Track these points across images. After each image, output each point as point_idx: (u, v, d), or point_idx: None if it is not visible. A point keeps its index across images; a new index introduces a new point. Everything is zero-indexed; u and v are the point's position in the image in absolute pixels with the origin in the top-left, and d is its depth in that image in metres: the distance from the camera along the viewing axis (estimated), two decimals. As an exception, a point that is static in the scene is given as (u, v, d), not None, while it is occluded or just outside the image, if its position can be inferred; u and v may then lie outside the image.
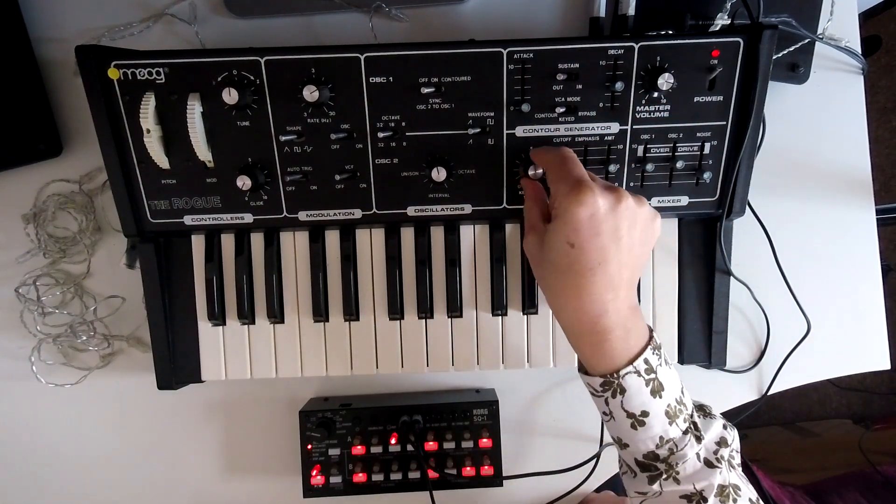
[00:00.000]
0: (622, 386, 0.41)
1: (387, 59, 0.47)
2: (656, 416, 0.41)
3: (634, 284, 0.44)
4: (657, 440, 0.42)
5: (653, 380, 0.42)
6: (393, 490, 0.56)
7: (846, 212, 0.59)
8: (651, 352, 0.42)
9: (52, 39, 0.57)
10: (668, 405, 0.42)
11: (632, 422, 0.42)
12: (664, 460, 0.42)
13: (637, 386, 0.41)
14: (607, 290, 0.41)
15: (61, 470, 0.61)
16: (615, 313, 0.41)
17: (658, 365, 0.42)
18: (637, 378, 0.41)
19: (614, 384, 0.42)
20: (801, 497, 0.98)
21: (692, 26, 0.53)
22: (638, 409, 0.42)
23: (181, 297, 0.54)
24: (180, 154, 0.49)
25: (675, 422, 0.42)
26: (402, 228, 0.54)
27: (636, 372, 0.41)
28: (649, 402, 0.41)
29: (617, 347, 0.42)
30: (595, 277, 0.41)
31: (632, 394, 0.41)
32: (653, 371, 0.42)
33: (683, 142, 0.50)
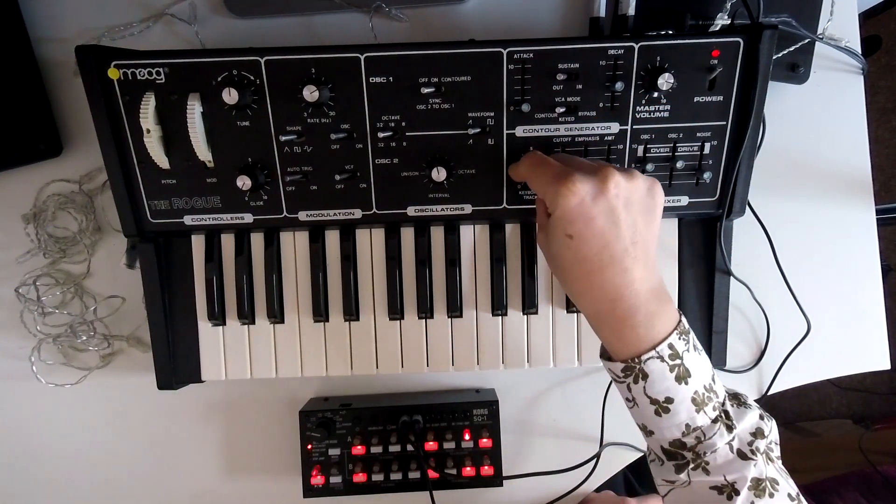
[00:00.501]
0: (644, 371, 0.40)
1: (387, 59, 0.47)
2: (682, 402, 0.40)
3: (651, 262, 0.41)
4: (683, 428, 0.41)
5: (678, 365, 0.40)
6: (393, 490, 0.56)
7: (846, 212, 0.59)
8: (677, 337, 0.40)
9: (52, 39, 0.57)
10: (696, 392, 0.40)
11: (655, 408, 0.41)
12: (691, 449, 0.41)
13: (660, 371, 0.40)
14: (618, 274, 0.40)
15: (61, 470, 0.61)
16: (633, 296, 0.40)
17: (685, 350, 0.40)
18: (661, 363, 0.40)
19: (636, 369, 0.40)
20: (801, 497, 0.97)
21: (692, 26, 0.53)
22: (662, 396, 0.40)
23: (181, 297, 0.54)
24: (180, 154, 0.49)
25: (702, 410, 0.40)
26: (402, 228, 0.54)
27: (659, 357, 0.40)
28: (674, 388, 0.40)
29: (639, 332, 0.40)
30: (602, 263, 0.40)
31: (654, 379, 0.40)
32: (678, 357, 0.40)
33: (683, 142, 0.50)
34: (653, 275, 0.41)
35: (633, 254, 0.40)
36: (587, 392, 0.59)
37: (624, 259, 0.40)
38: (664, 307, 0.41)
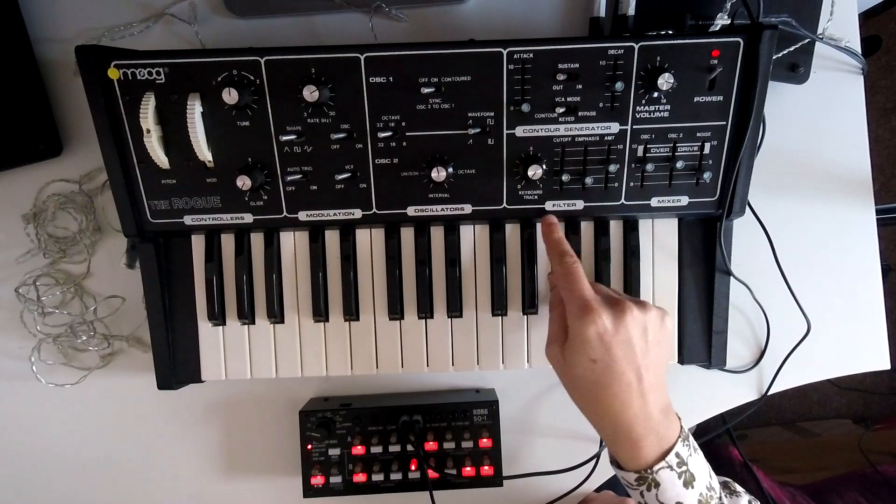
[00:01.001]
0: (656, 480, 0.43)
1: (387, 59, 0.47)
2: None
3: (661, 385, 0.45)
4: None
5: (685, 472, 0.43)
6: (393, 490, 0.56)
7: (846, 212, 0.59)
8: (682, 444, 0.44)
9: (52, 39, 0.57)
10: (700, 494, 0.44)
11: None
12: None
13: (671, 479, 0.43)
14: (635, 398, 0.43)
15: (61, 470, 0.61)
16: (646, 420, 0.43)
17: (689, 455, 0.44)
18: (670, 472, 0.43)
19: (648, 479, 0.43)
20: (801, 497, 0.98)
21: (692, 26, 0.53)
22: (673, 501, 0.43)
23: (181, 297, 0.54)
24: (180, 154, 0.49)
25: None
26: (402, 228, 0.54)
27: (669, 466, 0.43)
28: (682, 493, 0.43)
29: (652, 449, 0.43)
30: (621, 387, 0.43)
31: (665, 487, 0.43)
32: (684, 463, 0.43)
33: (683, 142, 0.50)
34: (663, 396, 0.45)
35: (648, 379, 0.43)
36: (587, 392, 0.59)
37: (640, 385, 0.43)
38: (671, 421, 0.44)
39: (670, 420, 0.44)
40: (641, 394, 0.43)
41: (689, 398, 0.60)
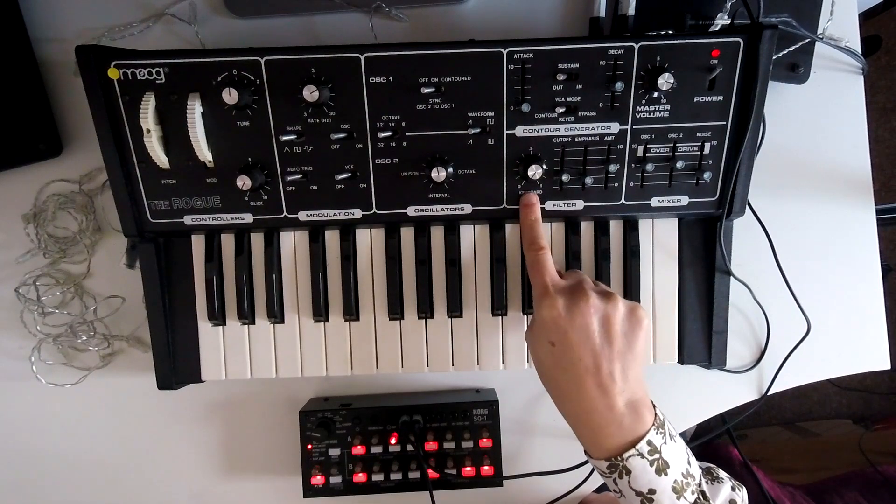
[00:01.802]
0: (627, 467, 0.43)
1: (387, 59, 0.47)
2: (664, 492, 0.43)
3: (632, 378, 0.44)
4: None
5: (657, 459, 0.43)
6: (393, 490, 0.56)
7: (846, 212, 0.59)
8: (655, 432, 0.43)
9: (52, 39, 0.57)
10: (675, 481, 0.43)
11: (641, 499, 0.43)
12: None
13: (641, 466, 0.43)
14: (594, 388, 0.43)
15: (61, 470, 0.61)
16: (607, 409, 0.43)
17: (662, 444, 0.43)
18: (640, 460, 0.43)
19: (619, 466, 0.43)
20: (801, 497, 0.97)
21: (692, 26, 0.53)
22: (645, 488, 0.43)
23: (181, 297, 0.54)
24: (180, 154, 0.49)
25: (682, 496, 0.43)
26: (402, 228, 0.54)
27: (639, 454, 0.43)
28: (655, 480, 0.43)
29: (614, 439, 0.43)
30: (578, 374, 0.43)
31: (637, 474, 0.43)
32: (657, 451, 0.43)
33: (683, 142, 0.50)
34: (633, 389, 0.44)
35: (609, 369, 0.43)
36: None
37: (598, 374, 0.43)
38: (639, 414, 0.44)
39: (638, 413, 0.44)
40: (599, 384, 0.43)
41: (689, 398, 0.60)
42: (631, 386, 0.44)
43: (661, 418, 0.45)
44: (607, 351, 0.44)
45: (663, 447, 0.43)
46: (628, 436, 0.43)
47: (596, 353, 0.43)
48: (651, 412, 0.44)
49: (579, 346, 0.43)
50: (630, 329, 0.45)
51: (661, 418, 0.45)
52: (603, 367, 0.43)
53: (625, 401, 0.43)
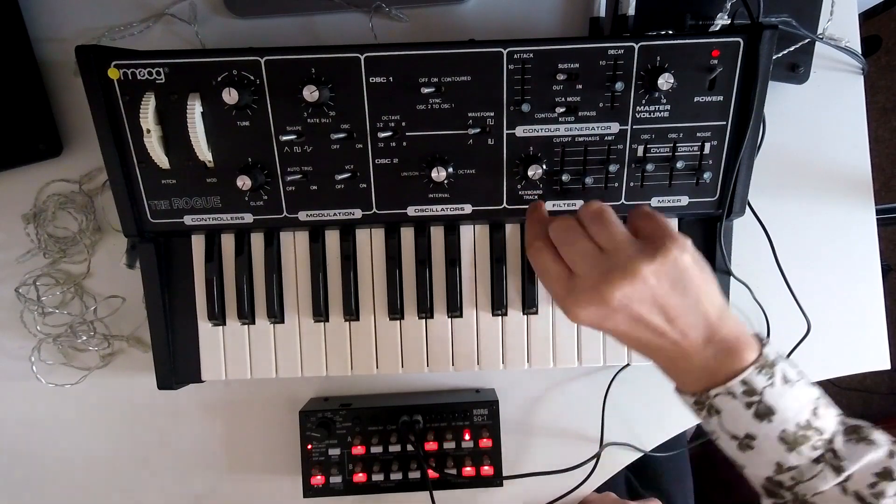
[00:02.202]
0: (714, 407, 0.39)
1: (387, 59, 0.47)
2: (766, 440, 0.38)
3: (703, 319, 0.38)
4: (773, 466, 0.38)
5: (756, 402, 0.37)
6: (393, 490, 0.56)
7: (846, 212, 0.59)
8: (755, 372, 0.38)
9: (52, 39, 0.57)
10: (784, 431, 0.37)
11: (737, 443, 0.39)
12: (790, 489, 0.38)
13: (734, 408, 0.38)
14: (665, 348, 0.39)
15: (61, 470, 0.61)
16: (685, 359, 0.39)
17: (766, 386, 0.37)
18: (731, 400, 0.38)
19: (706, 404, 0.39)
20: (801, 497, 0.97)
21: (692, 26, 0.53)
22: (741, 432, 0.38)
23: (181, 297, 0.54)
24: (180, 154, 0.49)
25: (795, 449, 0.37)
26: (402, 228, 0.54)
27: (730, 394, 0.38)
28: (754, 425, 0.38)
29: (699, 376, 0.39)
30: (642, 345, 0.39)
31: (728, 415, 0.38)
32: (756, 393, 0.37)
33: (683, 142, 0.50)
34: (711, 326, 0.39)
35: (673, 329, 0.38)
36: (587, 392, 0.59)
37: (662, 339, 0.39)
38: (735, 350, 0.38)
39: (731, 349, 0.38)
40: (674, 342, 0.38)
41: (689, 398, 0.60)
42: (707, 323, 0.38)
43: (768, 359, 0.38)
44: (660, 320, 0.38)
45: (767, 390, 0.37)
46: (717, 373, 0.38)
47: (653, 328, 0.38)
48: (753, 350, 0.38)
49: (630, 332, 0.39)
50: (675, 284, 0.38)
51: (771, 359, 0.38)
52: (668, 333, 0.38)
53: (702, 340, 0.38)
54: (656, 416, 0.60)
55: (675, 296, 0.38)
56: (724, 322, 0.39)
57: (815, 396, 0.39)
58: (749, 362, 0.38)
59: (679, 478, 0.77)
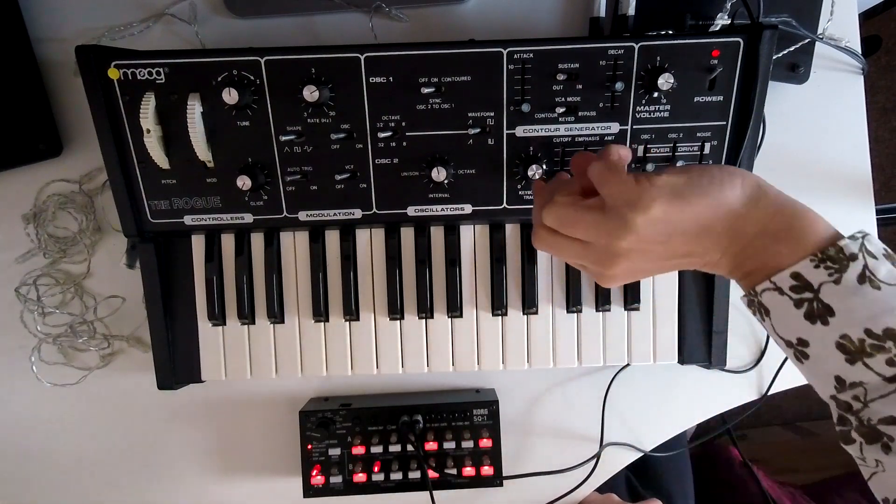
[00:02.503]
0: (763, 305, 0.34)
1: (387, 59, 0.47)
2: (823, 347, 0.33)
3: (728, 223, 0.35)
4: (834, 382, 0.33)
5: (808, 300, 0.32)
6: (393, 490, 0.56)
7: (846, 212, 0.59)
8: (812, 265, 0.32)
9: (52, 39, 0.57)
10: (844, 336, 0.32)
11: (793, 352, 0.35)
12: (856, 413, 0.33)
13: (782, 306, 0.33)
14: (694, 261, 0.37)
15: (61, 470, 0.61)
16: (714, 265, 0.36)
17: (825, 282, 0.32)
18: (779, 297, 0.33)
19: (755, 302, 0.35)
20: (801, 497, 0.97)
21: (692, 26, 0.53)
22: (793, 336, 0.34)
23: (181, 297, 0.54)
24: (180, 154, 0.49)
25: (860, 361, 0.32)
26: (402, 228, 0.54)
27: (777, 289, 0.33)
28: (806, 328, 0.33)
29: (747, 266, 0.35)
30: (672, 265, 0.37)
31: (778, 316, 0.34)
32: (810, 289, 0.32)
33: (683, 142, 0.50)
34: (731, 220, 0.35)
35: (698, 246, 0.36)
36: (587, 392, 0.59)
37: (690, 258, 0.37)
38: (786, 234, 0.34)
39: (777, 233, 0.34)
40: (701, 255, 0.36)
41: (689, 398, 0.59)
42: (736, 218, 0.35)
43: (831, 252, 0.32)
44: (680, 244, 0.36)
45: (825, 287, 0.32)
46: (769, 263, 0.34)
47: (674, 254, 0.36)
48: (814, 238, 0.33)
49: (648, 268, 0.37)
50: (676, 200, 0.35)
51: (833, 252, 0.32)
52: (694, 251, 0.36)
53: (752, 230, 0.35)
54: (656, 416, 0.60)
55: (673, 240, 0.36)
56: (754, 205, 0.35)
57: (891, 301, 0.31)
58: (807, 252, 0.33)
59: (679, 478, 0.77)
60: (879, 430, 0.32)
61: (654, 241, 0.35)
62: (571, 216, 0.38)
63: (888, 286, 0.32)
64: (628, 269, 0.37)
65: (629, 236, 0.35)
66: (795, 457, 1.30)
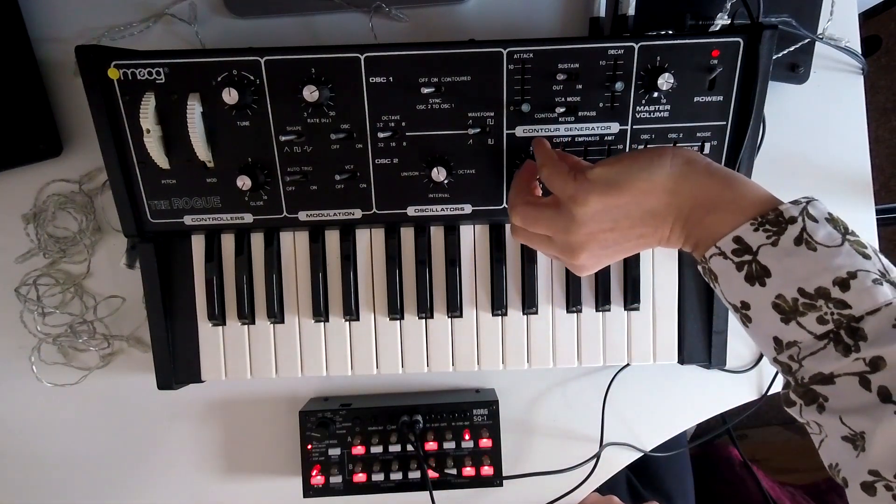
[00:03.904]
0: (713, 271, 0.35)
1: (387, 59, 0.47)
2: (761, 309, 0.33)
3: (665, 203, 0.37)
4: (772, 342, 0.34)
5: (748, 262, 0.33)
6: (393, 490, 0.56)
7: (846, 212, 0.58)
8: (751, 228, 0.33)
9: (52, 39, 0.57)
10: (779, 296, 0.32)
11: (739, 316, 0.35)
12: (793, 374, 0.33)
13: (727, 271, 0.34)
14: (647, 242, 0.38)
15: (61, 470, 0.61)
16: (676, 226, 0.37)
17: (763, 244, 0.33)
18: (724, 261, 0.34)
19: (706, 269, 0.36)
20: (801, 497, 0.98)
21: (692, 26, 0.53)
22: (737, 300, 0.34)
23: (181, 297, 0.54)
24: (180, 154, 0.49)
25: (794, 320, 0.32)
26: (402, 228, 0.54)
27: (721, 254, 0.34)
28: (747, 291, 0.33)
29: (693, 234, 0.36)
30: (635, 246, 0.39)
31: (724, 280, 0.35)
32: (749, 252, 0.33)
33: (683, 142, 0.50)
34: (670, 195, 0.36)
35: (646, 227, 0.38)
36: (587, 392, 0.59)
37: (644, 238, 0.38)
38: (722, 201, 0.35)
39: (717, 203, 0.35)
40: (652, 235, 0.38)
41: (689, 398, 0.60)
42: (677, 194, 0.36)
43: (772, 216, 0.33)
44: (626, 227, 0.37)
45: (764, 249, 0.33)
46: (712, 231, 0.35)
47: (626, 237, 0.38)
48: (752, 202, 0.34)
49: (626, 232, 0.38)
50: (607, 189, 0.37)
51: (774, 216, 0.33)
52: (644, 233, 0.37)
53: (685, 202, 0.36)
54: (656, 416, 0.60)
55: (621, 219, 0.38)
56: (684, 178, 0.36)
57: (855, 267, 0.31)
58: (748, 216, 0.34)
59: (679, 478, 0.77)
60: (815, 390, 0.32)
61: (603, 230, 0.38)
62: (531, 215, 0.41)
63: (824, 247, 0.32)
64: (592, 257, 0.40)
65: (579, 229, 0.38)
66: (795, 457, 1.30)
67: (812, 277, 0.32)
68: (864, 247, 0.33)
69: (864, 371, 0.30)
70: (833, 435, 0.32)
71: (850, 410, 0.30)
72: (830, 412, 0.31)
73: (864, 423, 0.29)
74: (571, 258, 0.40)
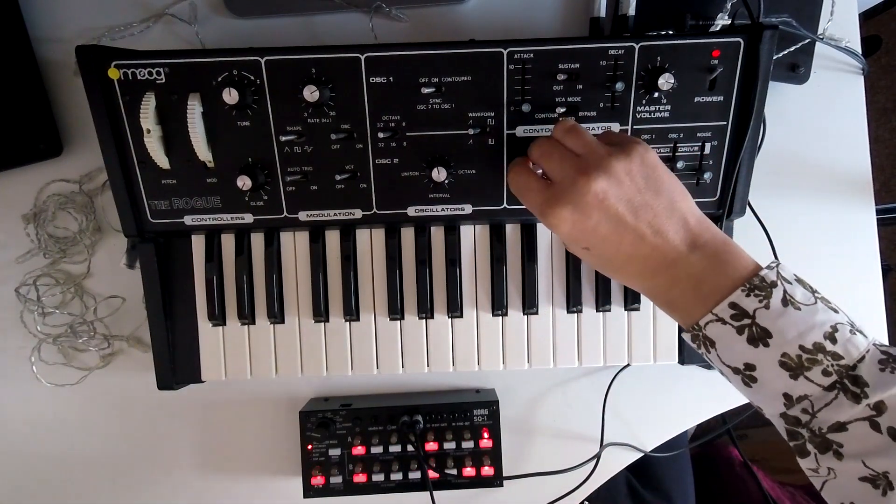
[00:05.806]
0: (708, 337, 0.37)
1: (387, 59, 0.47)
2: (769, 368, 0.35)
3: (679, 221, 0.38)
4: (783, 399, 0.35)
5: (748, 326, 0.35)
6: (393, 490, 0.56)
7: (846, 212, 0.59)
8: (743, 294, 0.35)
9: (52, 39, 0.57)
10: (784, 354, 0.34)
11: (741, 378, 0.36)
12: (805, 425, 0.35)
13: (726, 335, 0.35)
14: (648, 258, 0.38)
15: (61, 470, 0.61)
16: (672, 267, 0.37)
17: (758, 308, 0.35)
18: (722, 326, 0.35)
19: (700, 336, 0.37)
20: (801, 497, 0.97)
21: (692, 26, 0.53)
22: (739, 362, 0.36)
23: (181, 297, 0.54)
24: (180, 154, 0.49)
25: (802, 375, 0.34)
26: (402, 228, 0.54)
27: (719, 319, 0.36)
28: (750, 352, 0.35)
29: (688, 295, 0.37)
30: (628, 255, 0.39)
31: (724, 345, 0.36)
32: (747, 316, 0.35)
33: (684, 142, 0.50)
34: (689, 230, 0.38)
35: (651, 230, 0.38)
36: (587, 392, 0.59)
37: (643, 244, 0.38)
38: (720, 251, 0.37)
39: (717, 259, 0.36)
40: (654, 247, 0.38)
41: (689, 398, 0.60)
42: (687, 227, 0.38)
43: (766, 280, 0.35)
44: (642, 222, 0.38)
45: (760, 312, 0.35)
46: (704, 284, 0.36)
47: (634, 229, 0.38)
48: (744, 262, 0.37)
49: (611, 236, 0.38)
50: (647, 181, 0.38)
51: (761, 279, 0.35)
52: (647, 237, 0.38)
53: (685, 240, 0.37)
54: (656, 416, 0.60)
55: (648, 193, 0.38)
56: (705, 227, 0.38)
57: (833, 321, 0.34)
58: (738, 282, 0.36)
59: (679, 478, 0.77)
60: (829, 438, 0.34)
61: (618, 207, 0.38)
62: (550, 147, 0.42)
63: (805, 306, 0.35)
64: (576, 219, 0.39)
65: (603, 180, 0.38)
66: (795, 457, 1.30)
67: (806, 334, 0.34)
68: (830, 302, 0.36)
69: (871, 415, 0.32)
70: (848, 476, 0.34)
71: (870, 453, 0.32)
72: (850, 457, 0.33)
73: (884, 463, 0.32)
74: (558, 205, 0.39)
